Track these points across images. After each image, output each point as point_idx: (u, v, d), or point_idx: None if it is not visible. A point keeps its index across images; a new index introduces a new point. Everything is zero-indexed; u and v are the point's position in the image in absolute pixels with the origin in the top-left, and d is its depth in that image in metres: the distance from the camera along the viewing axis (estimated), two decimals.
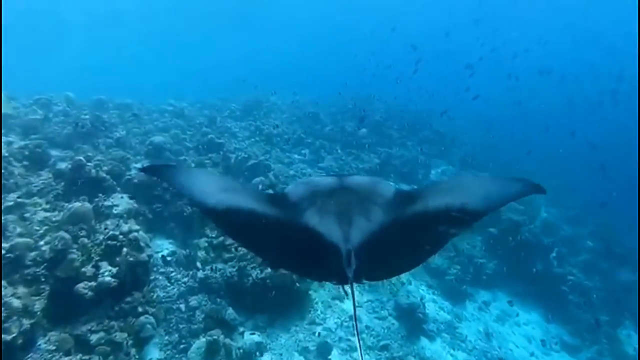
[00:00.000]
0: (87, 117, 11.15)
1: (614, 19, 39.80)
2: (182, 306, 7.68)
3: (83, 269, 5.83)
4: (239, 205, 2.42)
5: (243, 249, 8.42)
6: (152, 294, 7.01)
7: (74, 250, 5.86)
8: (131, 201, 7.99)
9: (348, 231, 2.32)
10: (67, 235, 5.88)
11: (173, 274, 8.42)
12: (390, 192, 2.63)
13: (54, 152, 8.92)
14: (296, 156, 15.60)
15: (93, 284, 5.77)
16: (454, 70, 23.45)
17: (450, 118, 19.58)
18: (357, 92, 19.85)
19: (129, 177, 9.22)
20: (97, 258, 6.08)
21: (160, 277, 8.25)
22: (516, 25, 31.99)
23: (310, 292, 8.93)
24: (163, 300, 7.61)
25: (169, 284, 8.18)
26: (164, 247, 9.02)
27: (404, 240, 2.48)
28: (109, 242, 6.28)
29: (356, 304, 8.84)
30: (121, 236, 6.42)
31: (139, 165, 9.91)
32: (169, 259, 8.71)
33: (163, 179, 2.75)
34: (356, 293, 9.40)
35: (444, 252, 12.00)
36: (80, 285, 5.67)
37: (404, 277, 10.87)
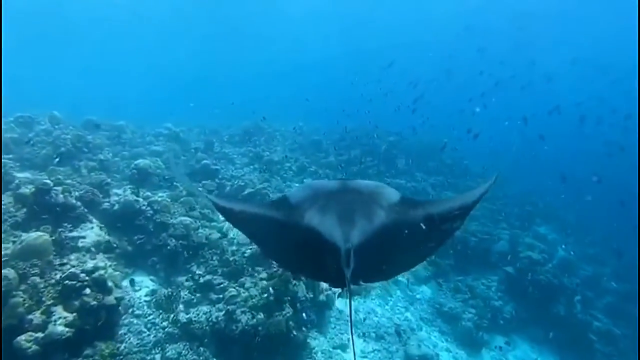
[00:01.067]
0: (68, 137, 10.20)
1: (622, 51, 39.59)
2: (158, 357, 6.54)
3: (29, 316, 4.73)
4: (247, 206, 2.64)
5: (232, 290, 7.36)
6: (119, 344, 5.88)
7: (20, 292, 4.77)
8: (102, 232, 6.92)
9: (348, 231, 2.28)
10: (12, 274, 4.81)
11: (151, 317, 7.30)
12: (394, 196, 2.60)
13: (25, 175, 7.92)
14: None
15: (40, 334, 4.66)
16: (458, 100, 22.83)
17: (453, 149, 18.76)
18: (358, 121, 19.02)
19: (107, 204, 8.20)
20: (50, 302, 4.99)
21: (135, 321, 7.11)
22: (523, 58, 31.54)
23: (308, 341, 7.75)
24: (135, 349, 6.45)
25: (144, 329, 7.04)
26: (143, 285, 7.92)
27: (404, 242, 2.50)
28: (67, 282, 5.20)
29: (362, 353, 7.63)
30: (83, 275, 5.35)
31: (120, 191, 8.92)
32: (147, 299, 7.60)
33: None
34: (361, 341, 8.23)
35: (458, 295, 10.87)
36: (22, 337, 4.56)
37: (414, 323, 9.71)
